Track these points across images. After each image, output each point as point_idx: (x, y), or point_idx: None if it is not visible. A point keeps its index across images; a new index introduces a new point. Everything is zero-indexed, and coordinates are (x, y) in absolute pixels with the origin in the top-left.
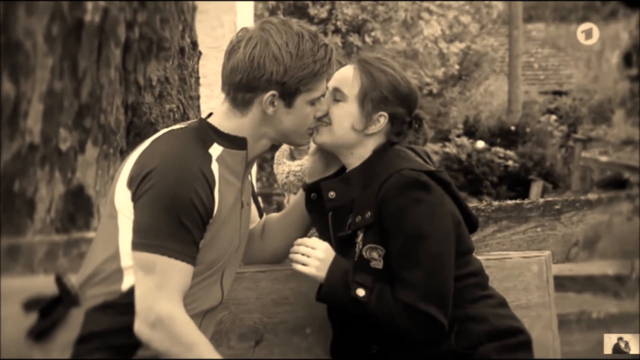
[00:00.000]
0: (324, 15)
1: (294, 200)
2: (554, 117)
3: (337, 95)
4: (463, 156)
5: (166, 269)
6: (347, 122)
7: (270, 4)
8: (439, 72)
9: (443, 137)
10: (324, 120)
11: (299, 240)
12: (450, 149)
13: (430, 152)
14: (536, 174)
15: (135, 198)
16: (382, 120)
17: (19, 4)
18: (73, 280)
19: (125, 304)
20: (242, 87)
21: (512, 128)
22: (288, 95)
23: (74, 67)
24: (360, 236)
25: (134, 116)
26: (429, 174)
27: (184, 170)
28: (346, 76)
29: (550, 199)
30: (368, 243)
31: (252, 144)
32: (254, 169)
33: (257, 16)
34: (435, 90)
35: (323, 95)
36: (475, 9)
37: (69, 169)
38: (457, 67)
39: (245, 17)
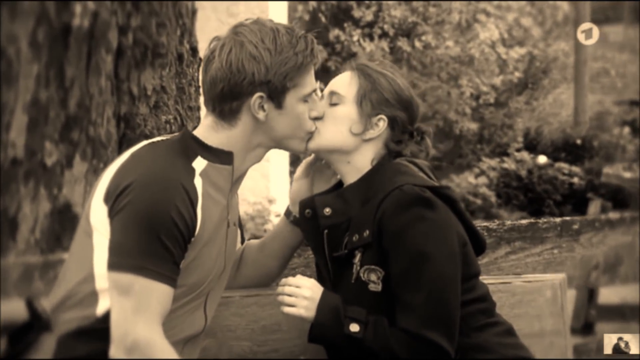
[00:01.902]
0: (369, 17)
1: (275, 228)
2: (627, 129)
3: (334, 99)
4: (523, 172)
5: (144, 291)
6: (344, 125)
7: (311, 4)
8: (497, 80)
9: (501, 151)
10: (317, 123)
11: (283, 281)
12: (509, 164)
13: (486, 168)
14: (604, 191)
15: (112, 214)
16: (381, 124)
17: (1, 7)
18: (45, 304)
19: (100, 329)
20: (226, 97)
21: (578, 141)
22: (276, 95)
23: (60, 75)
24: (358, 256)
25: (126, 128)
26: (433, 190)
27: (164, 184)
28: (343, 79)
29: (568, 218)
30: (366, 264)
31: (243, 156)
32: (286, 186)
33: (297, 19)
34: (492, 100)
35: (315, 92)
36: (537, 10)
37: (54, 185)
38: (517, 74)
39: (278, 18)
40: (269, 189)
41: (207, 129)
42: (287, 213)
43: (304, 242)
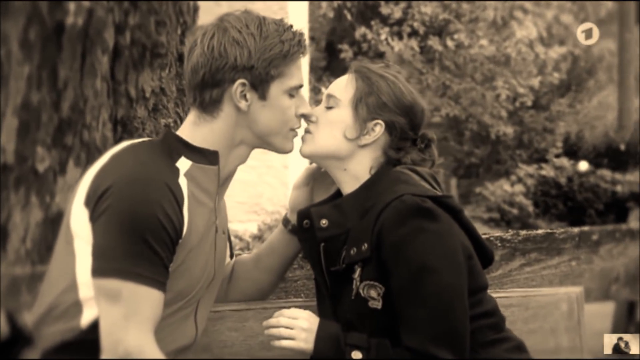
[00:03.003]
0: (398, 14)
1: (271, 239)
2: None
3: (330, 102)
4: (562, 180)
5: (133, 297)
6: (338, 130)
7: (336, 2)
8: (535, 82)
9: (539, 157)
10: (310, 128)
11: (277, 313)
12: (547, 171)
13: (523, 175)
14: None
15: (93, 218)
16: (377, 129)
17: None
18: (29, 317)
19: (85, 341)
20: (207, 84)
21: (622, 147)
22: (259, 83)
23: (53, 76)
24: (358, 271)
25: (124, 132)
26: (435, 200)
27: (147, 183)
28: (341, 81)
29: (586, 228)
30: (365, 279)
31: (226, 155)
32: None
33: (321, 17)
34: (529, 102)
35: (301, 87)
36: (579, 6)
37: (47, 193)
38: (556, 75)
39: (298, 18)
40: (288, 197)
41: (189, 126)
42: (285, 222)
43: (301, 253)
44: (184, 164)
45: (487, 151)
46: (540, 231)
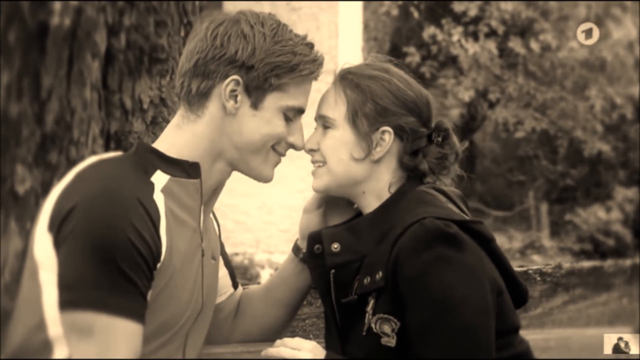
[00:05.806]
0: (474, 12)
1: (281, 269)
2: None
3: (326, 124)
4: None
5: (107, 330)
6: (343, 153)
7: None
8: (636, 90)
9: (639, 178)
10: (317, 159)
11: (279, 342)
12: None
13: (621, 200)
14: None
15: (57, 243)
16: (387, 137)
17: None
18: None
19: None
20: (198, 73)
21: None
22: (255, 89)
23: (36, 85)
24: (371, 304)
25: (118, 148)
26: (461, 225)
27: (116, 199)
28: (328, 97)
29: (639, 260)
30: (379, 313)
31: (208, 167)
32: None
33: (384, 15)
34: (629, 115)
35: (302, 112)
36: None
37: (27, 218)
38: None
39: (350, 16)
40: None
41: (171, 129)
42: (296, 250)
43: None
44: (160, 178)
45: (585, 172)
46: (586, 264)
